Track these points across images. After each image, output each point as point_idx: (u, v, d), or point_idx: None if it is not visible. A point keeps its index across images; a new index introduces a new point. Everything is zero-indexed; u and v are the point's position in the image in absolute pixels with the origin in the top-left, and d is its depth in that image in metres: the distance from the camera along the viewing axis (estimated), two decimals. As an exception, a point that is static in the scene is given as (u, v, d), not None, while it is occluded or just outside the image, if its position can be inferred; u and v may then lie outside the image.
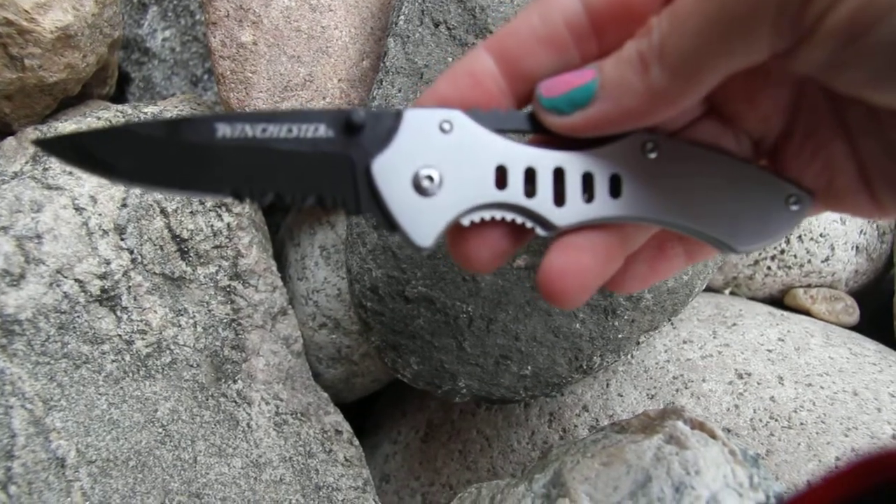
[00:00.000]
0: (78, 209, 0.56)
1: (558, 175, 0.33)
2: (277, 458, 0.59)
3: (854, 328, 0.70)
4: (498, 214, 0.33)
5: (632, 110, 0.30)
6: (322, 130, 0.32)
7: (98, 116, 0.61)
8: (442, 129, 0.32)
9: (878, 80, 0.25)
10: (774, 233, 0.33)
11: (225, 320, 0.61)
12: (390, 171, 0.32)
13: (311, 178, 0.32)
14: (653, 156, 0.32)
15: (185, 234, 0.59)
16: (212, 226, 0.60)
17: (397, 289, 0.53)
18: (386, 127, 0.32)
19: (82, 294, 0.56)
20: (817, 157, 0.32)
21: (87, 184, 0.57)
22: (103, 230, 0.57)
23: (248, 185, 0.32)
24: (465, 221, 0.33)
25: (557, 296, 0.33)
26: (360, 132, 0.32)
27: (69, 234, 0.56)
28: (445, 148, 0.32)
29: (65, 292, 0.55)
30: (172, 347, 0.59)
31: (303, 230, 0.67)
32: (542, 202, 0.33)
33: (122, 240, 0.57)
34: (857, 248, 0.71)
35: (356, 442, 0.64)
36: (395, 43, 0.56)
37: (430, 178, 0.32)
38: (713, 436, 0.49)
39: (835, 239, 0.70)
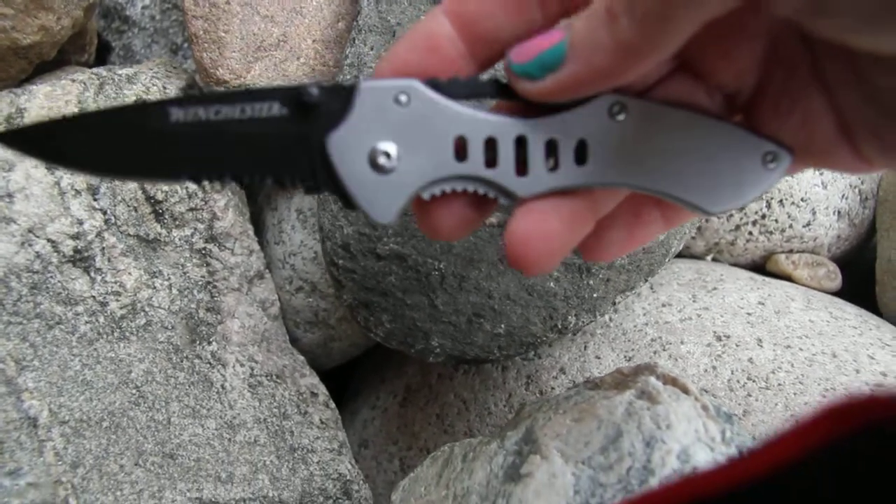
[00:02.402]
0: (50, 168, 0.56)
1: (520, 143, 0.32)
2: (252, 420, 0.59)
3: (836, 295, 0.70)
4: (459, 186, 0.32)
5: (604, 69, 0.28)
6: (276, 109, 0.31)
7: (73, 79, 0.61)
8: (398, 102, 0.31)
9: (861, 24, 0.24)
10: (750, 193, 0.32)
11: (200, 283, 0.60)
12: (345, 147, 0.31)
13: (267, 158, 0.31)
14: (621, 118, 0.31)
15: (160, 196, 0.59)
16: (186, 188, 0.60)
17: (369, 246, 0.52)
18: (340, 102, 0.31)
19: (55, 254, 0.56)
20: (795, 110, 0.31)
21: (59, 143, 0.57)
22: (76, 190, 0.57)
23: (204, 168, 0.31)
24: (426, 195, 0.32)
25: (523, 261, 0.32)
26: (314, 109, 0.31)
27: (41, 193, 0.56)
28: (402, 121, 0.31)
29: (37, 252, 0.55)
30: (147, 309, 0.59)
31: (280, 194, 0.67)
32: (504, 173, 0.32)
33: (94, 200, 0.57)
34: (838, 213, 0.71)
35: (332, 405, 0.64)
36: (369, 2, 0.56)
37: (387, 155, 0.31)
38: (686, 391, 0.48)
39: (816, 203, 0.69)
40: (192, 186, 0.60)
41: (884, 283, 0.69)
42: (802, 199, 0.69)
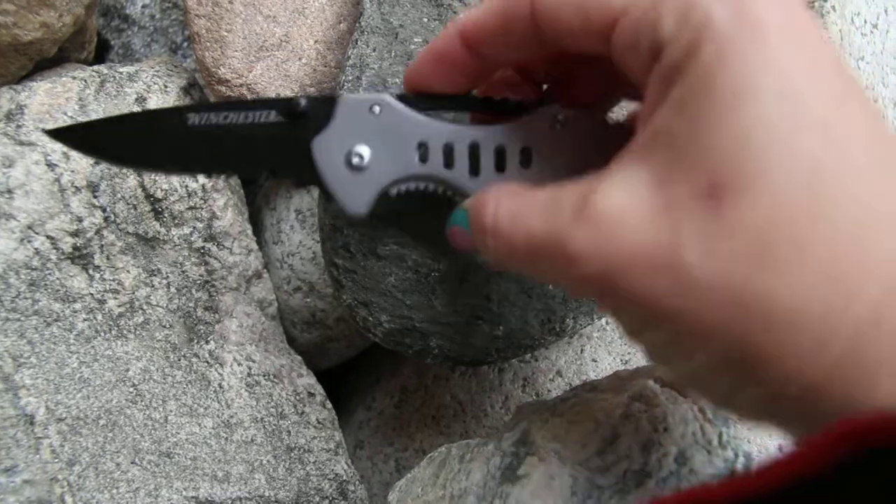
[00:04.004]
0: (50, 165, 0.56)
1: (473, 149, 0.37)
2: (249, 419, 0.59)
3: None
4: (422, 185, 0.38)
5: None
6: (273, 116, 0.37)
7: (74, 76, 0.61)
8: (372, 112, 0.37)
9: (632, 333, 0.29)
10: None
11: (198, 282, 0.60)
12: (327, 149, 0.37)
13: (264, 156, 0.38)
14: (560, 128, 0.36)
15: (159, 195, 0.59)
16: (186, 186, 0.60)
17: (369, 246, 0.52)
18: (324, 111, 0.37)
19: (54, 251, 0.56)
20: None
21: (60, 140, 0.57)
22: (76, 187, 0.56)
23: (214, 163, 0.38)
24: (393, 191, 0.37)
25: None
26: (304, 117, 0.37)
27: (41, 189, 0.55)
28: (374, 128, 0.37)
29: (36, 248, 0.55)
30: (145, 307, 0.59)
31: (279, 194, 0.67)
32: (459, 173, 0.37)
33: (94, 197, 0.57)
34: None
35: (329, 405, 0.64)
36: (371, 3, 0.56)
37: (360, 156, 0.36)
38: (683, 394, 0.49)
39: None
40: (192, 185, 0.60)
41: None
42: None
